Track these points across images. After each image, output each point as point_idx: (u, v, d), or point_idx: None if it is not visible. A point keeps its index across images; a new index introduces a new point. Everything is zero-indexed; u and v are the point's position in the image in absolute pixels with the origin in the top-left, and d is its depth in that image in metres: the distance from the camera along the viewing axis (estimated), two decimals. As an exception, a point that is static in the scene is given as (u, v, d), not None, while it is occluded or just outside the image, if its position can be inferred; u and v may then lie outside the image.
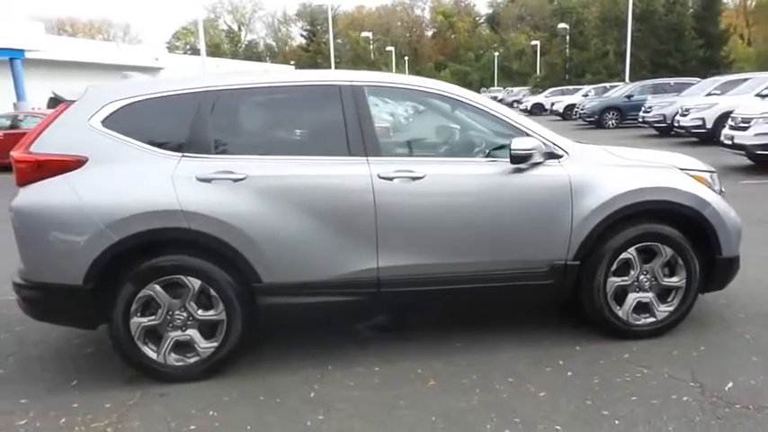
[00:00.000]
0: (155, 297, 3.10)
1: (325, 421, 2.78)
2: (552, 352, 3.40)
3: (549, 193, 3.29)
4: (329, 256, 3.17)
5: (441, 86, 3.43)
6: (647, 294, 3.49)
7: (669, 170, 3.49)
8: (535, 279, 3.37)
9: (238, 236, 3.06)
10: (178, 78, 3.38)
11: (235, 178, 3.07)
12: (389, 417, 2.80)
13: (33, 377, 3.35)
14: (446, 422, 2.73)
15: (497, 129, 3.43)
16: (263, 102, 3.36)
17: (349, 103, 3.24)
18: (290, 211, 3.10)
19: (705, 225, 3.43)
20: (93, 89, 3.25)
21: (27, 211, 3.03)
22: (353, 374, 3.23)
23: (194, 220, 3.02)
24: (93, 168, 3.05)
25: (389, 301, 3.29)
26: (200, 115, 3.16)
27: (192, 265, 3.10)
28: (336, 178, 3.16)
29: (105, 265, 3.02)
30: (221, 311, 3.15)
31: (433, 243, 3.25)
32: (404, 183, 3.17)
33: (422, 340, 3.61)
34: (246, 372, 3.29)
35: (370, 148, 3.21)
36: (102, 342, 3.73)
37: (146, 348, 3.15)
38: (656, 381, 3.03)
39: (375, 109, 3.36)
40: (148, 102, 3.20)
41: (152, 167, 3.08)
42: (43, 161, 3.04)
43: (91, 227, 2.98)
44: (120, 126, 3.12)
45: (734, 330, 3.62)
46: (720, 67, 37.99)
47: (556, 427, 2.65)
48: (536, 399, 2.90)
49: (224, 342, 3.19)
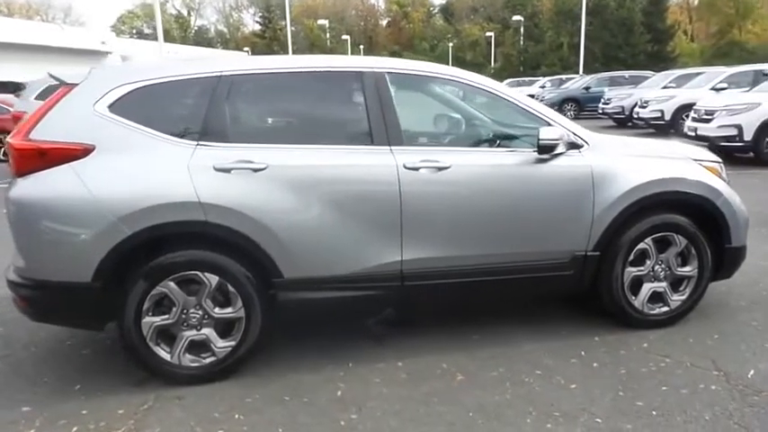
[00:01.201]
0: (169, 295, 2.92)
1: (360, 420, 2.68)
2: (572, 343, 3.39)
3: (573, 183, 3.26)
4: (352, 250, 3.06)
5: (462, 74, 3.35)
6: (662, 284, 3.52)
7: (685, 161, 3.53)
8: (556, 270, 3.34)
9: (259, 229, 2.91)
10: (189, 61, 3.18)
11: (255, 168, 2.91)
12: (425, 414, 2.72)
13: (31, 382, 3.11)
14: (484, 417, 2.68)
15: (519, 118, 3.38)
16: (281, 87, 3.19)
17: (371, 89, 3.12)
18: (312, 202, 2.97)
19: (717, 215, 3.48)
20: (98, 72, 3.02)
21: (28, 204, 2.80)
22: (377, 371, 3.14)
23: (213, 212, 2.85)
24: (101, 157, 2.84)
25: (412, 294, 3.21)
26: (215, 101, 2.98)
27: (209, 260, 2.93)
28: (361, 168, 3.04)
29: (116, 262, 2.82)
30: (239, 309, 2.99)
31: (457, 235, 3.18)
32: (430, 173, 3.08)
33: (437, 334, 3.54)
34: (263, 371, 3.14)
35: (392, 136, 3.10)
36: (98, 343, 3.53)
37: (158, 349, 2.96)
38: (680, 370, 3.06)
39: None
40: (159, 86, 2.99)
41: (166, 156, 2.89)
42: (46, 149, 2.80)
43: (101, 220, 2.77)
44: (129, 112, 2.91)
45: (740, 318, 3.70)
46: (667, 61, 39.39)
47: (596, 420, 2.63)
48: (569, 391, 2.88)
49: (242, 341, 3.04)
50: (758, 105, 9.68)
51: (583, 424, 2.60)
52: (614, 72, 24.53)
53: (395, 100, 3.15)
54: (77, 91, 2.92)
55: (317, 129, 3.20)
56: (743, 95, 10.66)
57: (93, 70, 3.02)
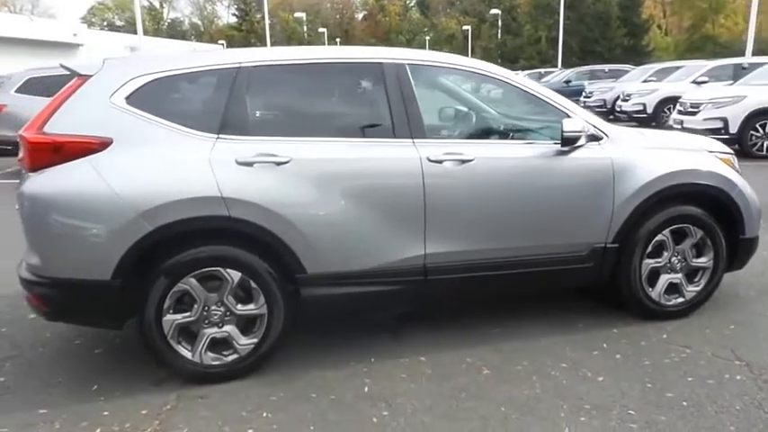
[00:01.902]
0: (190, 292, 2.84)
1: (392, 417, 2.64)
2: (592, 335, 3.40)
3: (594, 175, 3.26)
4: (376, 244, 3.01)
5: (481, 65, 3.31)
6: (678, 275, 3.54)
7: (701, 153, 3.55)
8: (576, 263, 3.34)
9: (282, 224, 2.84)
10: (207, 52, 3.09)
11: (278, 161, 2.84)
12: (457, 409, 2.69)
13: (44, 383, 3.01)
14: (517, 412, 2.66)
15: (540, 110, 3.35)
16: (301, 79, 3.12)
17: (392, 81, 3.06)
18: (336, 196, 2.91)
19: (732, 206, 3.51)
20: (113, 62, 2.92)
21: (45, 199, 2.69)
22: (400, 366, 3.10)
23: (235, 207, 2.78)
24: (120, 151, 2.74)
25: (435, 289, 3.18)
26: (235, 93, 2.90)
27: (231, 256, 2.85)
28: (385, 161, 2.99)
29: (137, 259, 2.74)
30: (262, 305, 2.93)
31: (480, 228, 3.15)
32: (454, 166, 3.05)
33: (455, 328, 3.52)
34: (285, 369, 3.09)
35: (414, 129, 3.06)
36: (108, 342, 3.44)
37: (179, 347, 2.89)
38: (703, 360, 3.08)
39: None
40: (177, 77, 2.91)
41: (186, 150, 2.80)
42: (63, 143, 2.70)
43: (122, 216, 2.68)
44: (147, 104, 2.82)
45: (753, 308, 3.75)
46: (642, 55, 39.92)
47: (629, 412, 2.63)
48: (597, 384, 2.88)
49: (264, 338, 2.97)
50: (743, 98, 9.84)
51: (617, 417, 2.60)
52: (594, 65, 24.75)
53: (416, 91, 3.09)
54: (92, 83, 2.82)
55: (339, 121, 3.14)
56: (728, 89, 10.82)
57: (106, 61, 2.91)
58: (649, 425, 2.54)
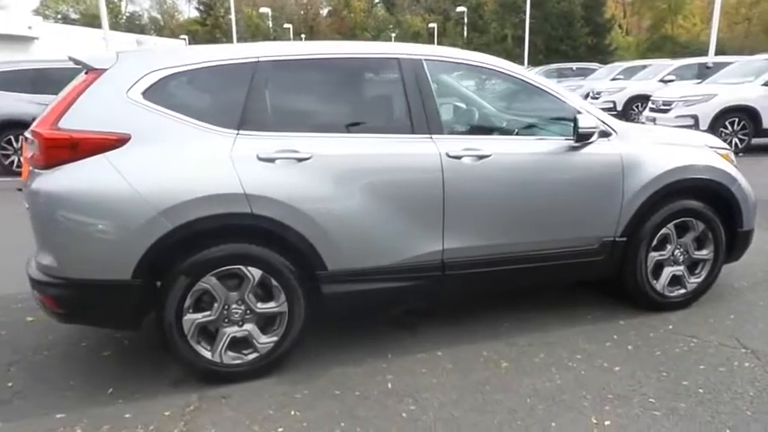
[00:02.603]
0: (210, 290, 2.80)
1: (421, 411, 2.66)
2: (600, 327, 3.47)
3: (605, 170, 3.33)
4: (396, 240, 3.02)
5: (495, 61, 3.35)
6: (680, 267, 3.65)
7: (702, 148, 3.66)
8: (586, 256, 3.41)
9: (304, 220, 2.82)
10: (222, 46, 3.04)
11: (300, 158, 2.82)
12: (483, 402, 2.72)
13: (55, 387, 2.92)
14: (543, 403, 2.70)
15: (552, 106, 3.40)
16: (320, 74, 3.09)
17: (409, 76, 3.07)
18: (357, 192, 2.90)
19: (732, 200, 3.63)
20: (127, 56, 2.84)
21: (61, 198, 2.60)
22: (419, 361, 3.12)
23: (258, 204, 2.74)
24: (138, 147, 2.67)
25: (452, 284, 3.20)
26: (254, 87, 2.86)
27: (252, 253, 2.82)
28: (406, 157, 3.00)
29: (158, 257, 2.68)
30: (282, 303, 2.90)
31: (496, 223, 3.19)
32: (472, 162, 3.07)
33: (467, 322, 3.55)
34: (303, 366, 3.06)
35: (432, 124, 3.07)
36: (116, 343, 3.38)
37: (199, 347, 2.84)
38: (711, 349, 3.18)
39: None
40: (195, 72, 2.85)
41: (206, 146, 2.76)
42: (80, 139, 2.62)
43: (142, 214, 2.62)
44: (164, 99, 2.76)
45: (746, 298, 3.88)
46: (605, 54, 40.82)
47: (650, 401, 2.70)
48: (615, 374, 2.94)
49: (285, 336, 2.95)
50: (713, 96, 10.16)
51: (639, 405, 2.67)
52: (562, 64, 25.18)
53: (432, 87, 3.11)
54: (107, 77, 2.74)
55: (359, 117, 3.12)
56: (698, 87, 11.16)
57: (120, 54, 2.84)
58: (671, 412, 2.61)
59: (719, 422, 2.53)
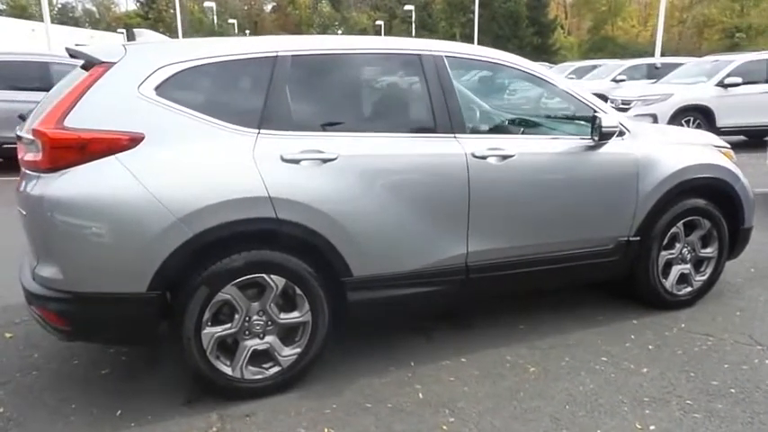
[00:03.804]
0: (231, 301, 2.60)
1: (462, 423, 2.55)
2: (615, 327, 3.46)
3: (622, 169, 3.31)
4: (422, 243, 2.90)
5: (515, 59, 3.27)
6: (687, 266, 3.68)
7: (708, 147, 3.70)
8: (602, 257, 3.39)
9: (330, 224, 2.67)
10: (239, 39, 2.84)
11: (325, 158, 2.66)
12: (523, 410, 2.64)
13: (56, 412, 2.66)
14: (583, 409, 2.64)
15: (570, 105, 3.36)
16: (341, 70, 2.93)
17: (431, 74, 2.95)
18: (384, 194, 2.77)
19: (735, 198, 3.69)
20: (137, 48, 2.62)
21: (69, 204, 2.35)
22: (445, 369, 3.01)
23: (283, 208, 2.57)
24: (152, 148, 2.45)
25: (476, 287, 3.11)
26: (274, 84, 2.68)
27: (276, 261, 2.64)
28: (432, 157, 2.88)
29: (176, 267, 2.46)
30: (306, 312, 2.74)
31: (519, 225, 3.12)
32: (496, 162, 2.99)
33: (482, 327, 3.47)
34: (323, 378, 2.90)
35: (455, 124, 2.96)
36: (113, 360, 3.13)
37: (218, 363, 2.64)
38: (728, 347, 3.21)
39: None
40: (210, 66, 2.64)
41: (227, 146, 2.56)
42: (89, 139, 2.37)
43: (160, 221, 2.40)
44: (179, 95, 2.54)
45: (746, 294, 3.96)
46: (549, 53, 41.89)
47: (687, 402, 2.69)
48: (644, 376, 2.92)
49: (308, 347, 2.78)
50: (670, 96, 10.50)
51: (677, 407, 2.65)
52: (513, 63, 25.57)
53: (455, 84, 3.00)
54: (116, 71, 2.50)
55: (382, 115, 2.99)
56: (655, 87, 11.51)
57: (129, 47, 2.60)
58: (711, 414, 2.60)
59: (760, 422, 2.54)
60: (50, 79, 9.34)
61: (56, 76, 9.48)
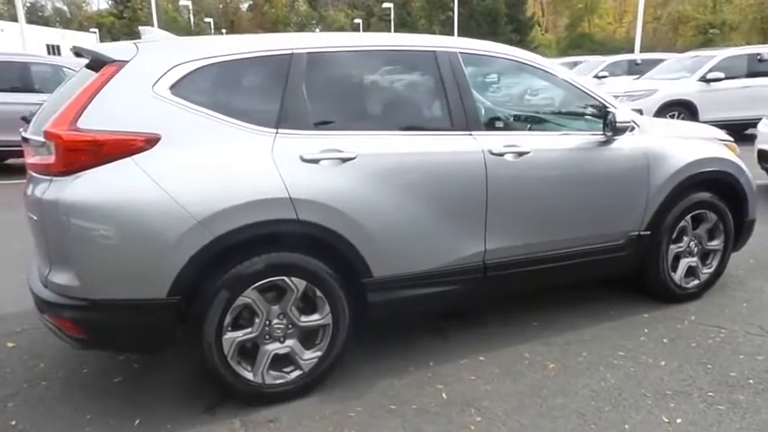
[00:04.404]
0: (252, 305, 2.55)
1: (489, 422, 2.53)
2: (628, 322, 3.47)
3: (634, 163, 3.32)
4: (441, 242, 2.87)
5: (530, 57, 3.27)
6: (694, 259, 3.71)
7: (714, 141, 3.73)
8: (614, 251, 3.39)
9: (351, 225, 2.62)
10: (253, 37, 2.78)
11: (344, 158, 2.61)
12: (548, 407, 2.63)
13: (72, 423, 2.57)
14: (608, 404, 2.64)
15: (583, 101, 3.37)
16: (357, 67, 2.89)
17: (446, 70, 2.93)
18: (403, 193, 2.73)
19: (740, 191, 3.72)
20: (149, 46, 2.54)
21: (85, 208, 2.27)
22: (464, 368, 2.99)
23: (304, 209, 2.52)
24: (169, 149, 2.38)
25: (493, 285, 3.09)
26: (291, 82, 2.63)
27: (297, 263, 2.59)
28: (450, 155, 2.85)
29: (196, 271, 2.40)
30: (326, 315, 2.69)
31: (534, 221, 3.11)
32: (513, 158, 2.97)
33: (495, 324, 3.45)
34: (342, 381, 2.85)
35: (471, 121, 2.94)
36: (124, 367, 3.06)
37: (239, 368, 2.58)
38: (741, 338, 3.24)
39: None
40: (225, 64, 2.57)
41: (245, 147, 2.50)
42: (104, 141, 2.30)
43: (180, 224, 2.34)
44: (194, 94, 2.48)
45: (749, 285, 4.01)
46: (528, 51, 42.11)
47: (709, 395, 2.70)
48: (663, 369, 2.93)
49: (329, 350, 2.74)
50: (655, 91, 10.62)
51: (700, 400, 2.66)
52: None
53: (469, 81, 2.98)
54: (129, 70, 2.43)
55: (399, 113, 2.94)
56: (640, 82, 11.64)
57: (141, 45, 2.52)
58: (733, 405, 2.62)
59: (783, 412, 2.56)
60: (30, 80, 9.16)
61: (35, 76, 9.31)
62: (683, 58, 12.59)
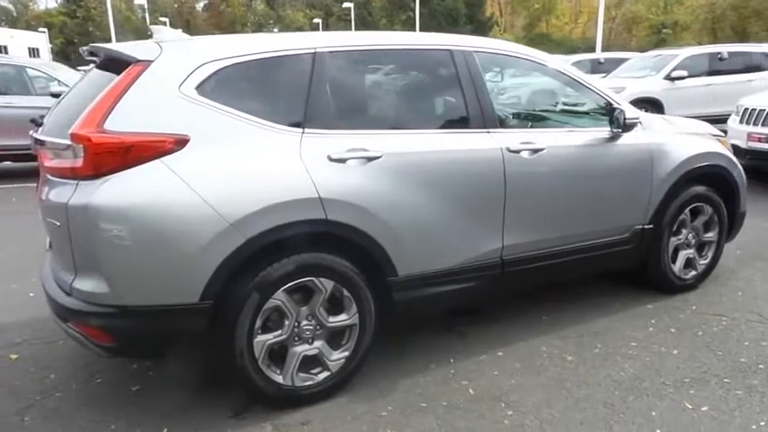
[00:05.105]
0: (282, 307, 2.52)
1: (522, 415, 2.56)
2: (633, 313, 3.57)
3: (639, 157, 3.42)
4: (463, 239, 2.90)
5: (541, 55, 3.33)
6: (691, 251, 3.84)
7: (708, 136, 3.87)
8: (620, 245, 3.48)
9: (378, 224, 2.62)
10: (275, 35, 2.74)
11: (370, 157, 2.61)
12: (575, 399, 2.68)
13: (96, 434, 2.50)
14: (631, 394, 2.71)
15: (590, 99, 3.44)
16: (378, 66, 2.90)
17: (463, 69, 2.95)
18: (427, 191, 2.75)
19: (733, 184, 3.87)
20: (173, 46, 2.48)
21: (118, 212, 2.21)
22: (485, 363, 3.02)
23: (333, 209, 2.51)
24: (199, 150, 2.34)
25: (509, 281, 3.13)
26: (316, 81, 2.61)
27: (325, 263, 2.57)
28: (471, 153, 2.88)
29: (228, 275, 2.36)
30: (353, 315, 2.69)
31: (549, 217, 3.17)
32: (529, 155, 3.02)
33: (506, 319, 3.50)
34: (365, 380, 2.84)
35: (487, 118, 2.98)
36: (141, 375, 2.98)
37: (269, 372, 2.55)
38: (743, 325, 3.37)
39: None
40: (249, 64, 2.54)
41: (273, 147, 2.47)
42: (133, 143, 2.24)
43: (212, 226, 2.29)
44: (221, 94, 2.44)
45: (741, 275, 4.17)
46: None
47: (725, 380, 2.80)
48: (677, 358, 3.02)
49: (356, 350, 2.73)
50: (623, 89, 10.87)
51: (718, 386, 2.75)
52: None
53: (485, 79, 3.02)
54: (154, 70, 2.37)
55: (420, 111, 2.96)
56: (607, 80, 11.91)
57: (164, 44, 2.47)
58: (750, 390, 2.72)
59: (797, 394, 2.68)
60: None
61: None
62: (646, 56, 12.96)
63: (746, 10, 37.64)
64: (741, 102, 7.29)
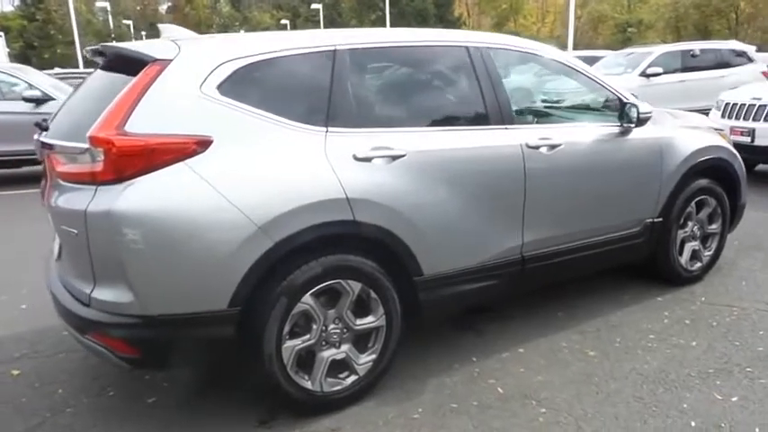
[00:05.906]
0: (309, 311, 2.45)
1: (555, 413, 2.53)
2: (645, 306, 3.59)
3: (650, 151, 3.44)
4: (485, 236, 2.87)
5: (553, 51, 3.32)
6: (696, 243, 3.88)
7: (711, 130, 3.91)
8: (631, 239, 3.50)
9: (403, 224, 2.57)
10: (294, 33, 2.67)
11: (394, 155, 2.56)
12: (605, 394, 2.67)
13: (117, 451, 2.39)
14: (660, 386, 2.71)
15: (600, 94, 3.45)
16: (398, 63, 2.84)
17: (480, 65, 2.92)
18: (450, 189, 2.71)
19: (735, 177, 3.93)
20: (190, 45, 2.38)
21: (143, 218, 2.10)
22: (508, 361, 2.99)
23: (360, 209, 2.44)
24: (223, 151, 2.25)
25: (529, 278, 3.11)
26: (337, 79, 2.54)
27: (353, 264, 2.51)
28: (492, 149, 2.85)
29: (257, 280, 2.28)
30: (381, 316, 2.63)
31: (567, 212, 3.16)
32: (547, 151, 3.00)
33: (522, 316, 3.47)
34: (390, 383, 2.78)
35: (505, 115, 2.95)
36: (155, 386, 2.86)
37: (298, 378, 2.48)
38: (754, 315, 3.41)
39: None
40: (270, 62, 2.45)
41: (298, 146, 2.40)
42: (156, 145, 2.14)
43: (240, 230, 2.21)
44: (243, 94, 2.35)
45: (742, 264, 4.24)
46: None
47: (747, 370, 2.83)
48: (696, 349, 3.04)
49: (383, 352, 2.67)
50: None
51: (742, 376, 2.77)
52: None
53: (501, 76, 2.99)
54: (174, 69, 2.27)
55: (440, 108, 2.90)
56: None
57: (181, 43, 2.37)
58: (773, 378, 2.75)
59: (819, 381, 2.71)
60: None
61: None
62: (619, 54, 13.16)
63: (708, 8, 38.70)
64: (722, 97, 7.44)
